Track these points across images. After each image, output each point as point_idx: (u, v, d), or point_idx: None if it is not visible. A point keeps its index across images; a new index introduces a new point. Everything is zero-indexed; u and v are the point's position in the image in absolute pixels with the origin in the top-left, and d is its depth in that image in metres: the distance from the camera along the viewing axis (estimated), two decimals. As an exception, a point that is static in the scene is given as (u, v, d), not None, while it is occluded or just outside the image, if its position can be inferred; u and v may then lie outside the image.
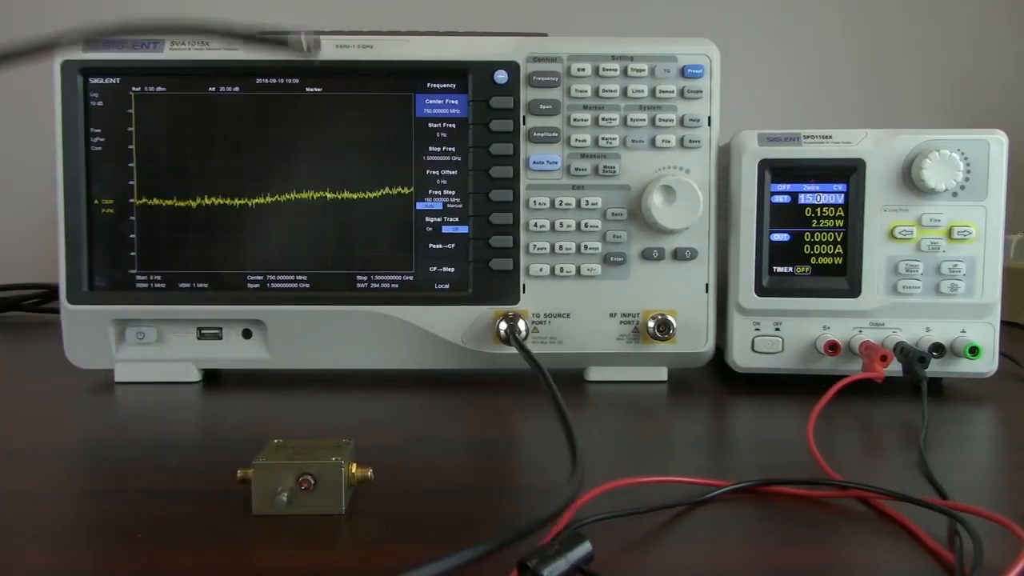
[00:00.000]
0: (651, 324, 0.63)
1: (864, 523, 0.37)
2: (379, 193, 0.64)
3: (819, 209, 0.62)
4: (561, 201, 0.64)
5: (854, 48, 1.15)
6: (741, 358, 0.64)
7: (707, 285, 0.64)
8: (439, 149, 0.64)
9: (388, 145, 0.64)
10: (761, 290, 0.62)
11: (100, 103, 0.63)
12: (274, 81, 0.64)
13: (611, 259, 0.64)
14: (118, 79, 0.63)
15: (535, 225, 0.64)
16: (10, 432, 0.53)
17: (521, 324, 0.63)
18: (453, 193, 0.64)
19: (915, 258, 0.61)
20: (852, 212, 0.61)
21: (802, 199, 0.62)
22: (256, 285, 0.64)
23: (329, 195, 0.64)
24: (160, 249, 0.64)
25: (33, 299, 1.05)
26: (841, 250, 0.62)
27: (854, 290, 0.62)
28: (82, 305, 0.64)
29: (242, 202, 0.64)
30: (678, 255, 0.64)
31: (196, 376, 0.66)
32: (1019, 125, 0.83)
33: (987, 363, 0.62)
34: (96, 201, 0.64)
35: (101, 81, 0.63)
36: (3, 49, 0.27)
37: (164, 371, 0.65)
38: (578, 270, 0.64)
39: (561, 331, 0.65)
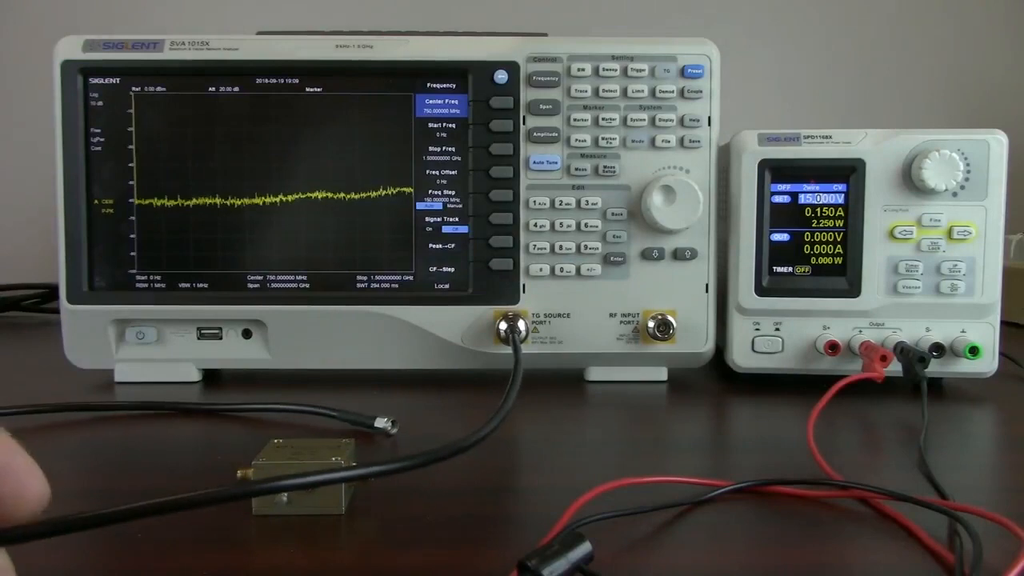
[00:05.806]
0: (651, 324, 0.63)
1: (864, 523, 0.37)
2: (379, 193, 0.64)
3: (819, 209, 0.62)
4: (561, 201, 0.64)
5: (854, 48, 1.15)
6: (741, 358, 0.64)
7: (707, 285, 0.64)
8: (439, 149, 0.64)
9: (388, 145, 0.64)
10: (761, 290, 0.62)
11: (100, 103, 0.63)
12: (274, 81, 0.63)
13: (611, 259, 0.64)
14: (118, 79, 0.63)
15: (535, 225, 0.64)
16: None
17: (521, 324, 0.63)
18: (453, 193, 0.64)
19: (915, 258, 0.61)
20: (852, 212, 0.61)
21: (802, 199, 0.62)
22: (256, 285, 0.64)
23: (329, 195, 0.64)
24: (160, 249, 0.64)
25: (33, 299, 1.05)
26: (841, 250, 0.62)
27: (854, 290, 0.62)
28: (82, 305, 0.64)
29: (242, 202, 0.64)
30: (678, 255, 0.64)
31: (196, 376, 0.66)
32: (1019, 125, 0.83)
33: (987, 363, 0.62)
34: (96, 201, 0.64)
35: (101, 81, 0.63)
36: None
37: (164, 371, 0.65)
38: (578, 270, 0.64)
39: (561, 331, 0.64)
